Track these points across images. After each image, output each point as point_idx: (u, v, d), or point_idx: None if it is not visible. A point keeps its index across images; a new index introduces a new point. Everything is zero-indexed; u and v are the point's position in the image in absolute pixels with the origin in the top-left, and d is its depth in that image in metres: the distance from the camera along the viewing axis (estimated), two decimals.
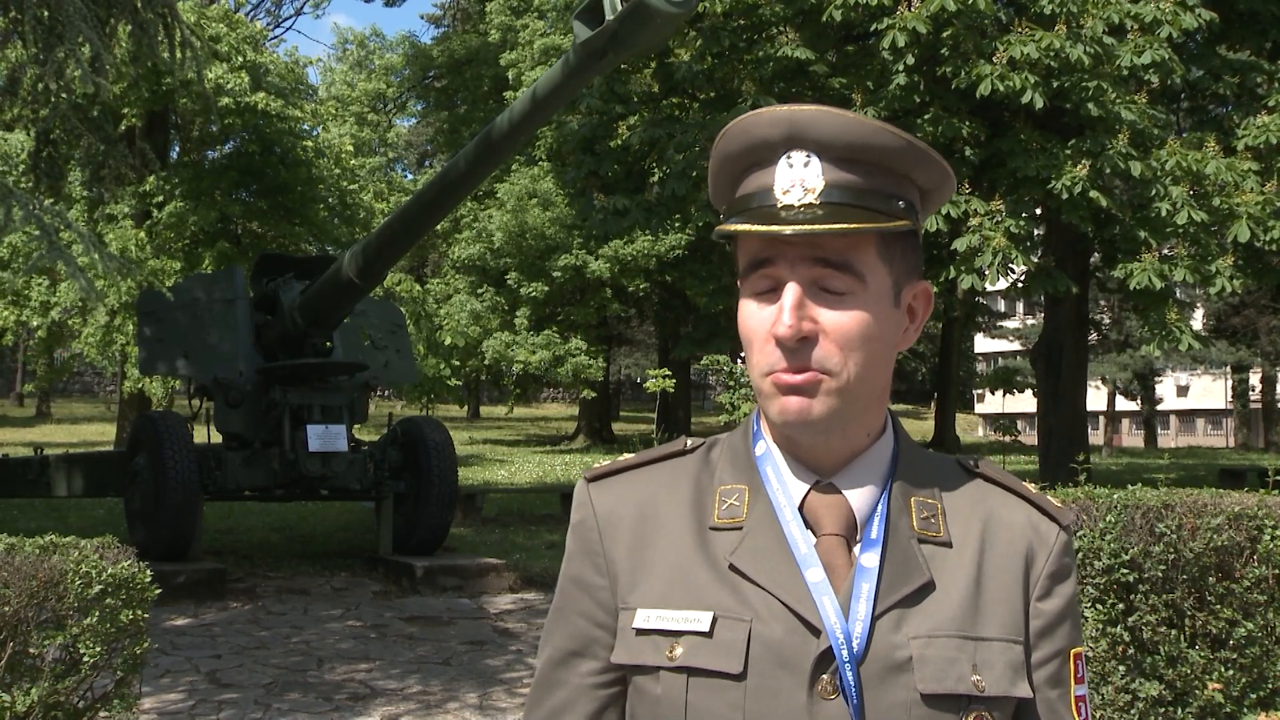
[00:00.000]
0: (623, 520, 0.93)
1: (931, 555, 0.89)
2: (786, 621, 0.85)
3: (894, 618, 0.86)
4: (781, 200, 0.86)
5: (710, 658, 0.86)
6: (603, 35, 4.43)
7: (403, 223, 6.93)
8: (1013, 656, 0.88)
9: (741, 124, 0.89)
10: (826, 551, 0.88)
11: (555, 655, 0.94)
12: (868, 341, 0.86)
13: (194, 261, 15.09)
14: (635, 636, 0.89)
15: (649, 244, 17.71)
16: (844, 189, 0.85)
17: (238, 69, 14.90)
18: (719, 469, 0.94)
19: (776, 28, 11.44)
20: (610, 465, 0.98)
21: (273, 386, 7.71)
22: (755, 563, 0.87)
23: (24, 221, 6.20)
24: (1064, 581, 0.91)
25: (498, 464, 17.91)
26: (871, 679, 0.84)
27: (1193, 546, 3.36)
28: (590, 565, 0.93)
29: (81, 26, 6.05)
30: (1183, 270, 10.28)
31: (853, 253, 0.85)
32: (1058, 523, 0.93)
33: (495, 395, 32.86)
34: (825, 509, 0.89)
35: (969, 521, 0.91)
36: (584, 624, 0.92)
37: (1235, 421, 38.03)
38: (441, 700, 4.84)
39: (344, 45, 34.52)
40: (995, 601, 0.88)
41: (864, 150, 0.86)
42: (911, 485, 0.91)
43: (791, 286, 0.85)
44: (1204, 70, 11.57)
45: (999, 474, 0.96)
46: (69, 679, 2.85)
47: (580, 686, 0.92)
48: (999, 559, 0.90)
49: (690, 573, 0.89)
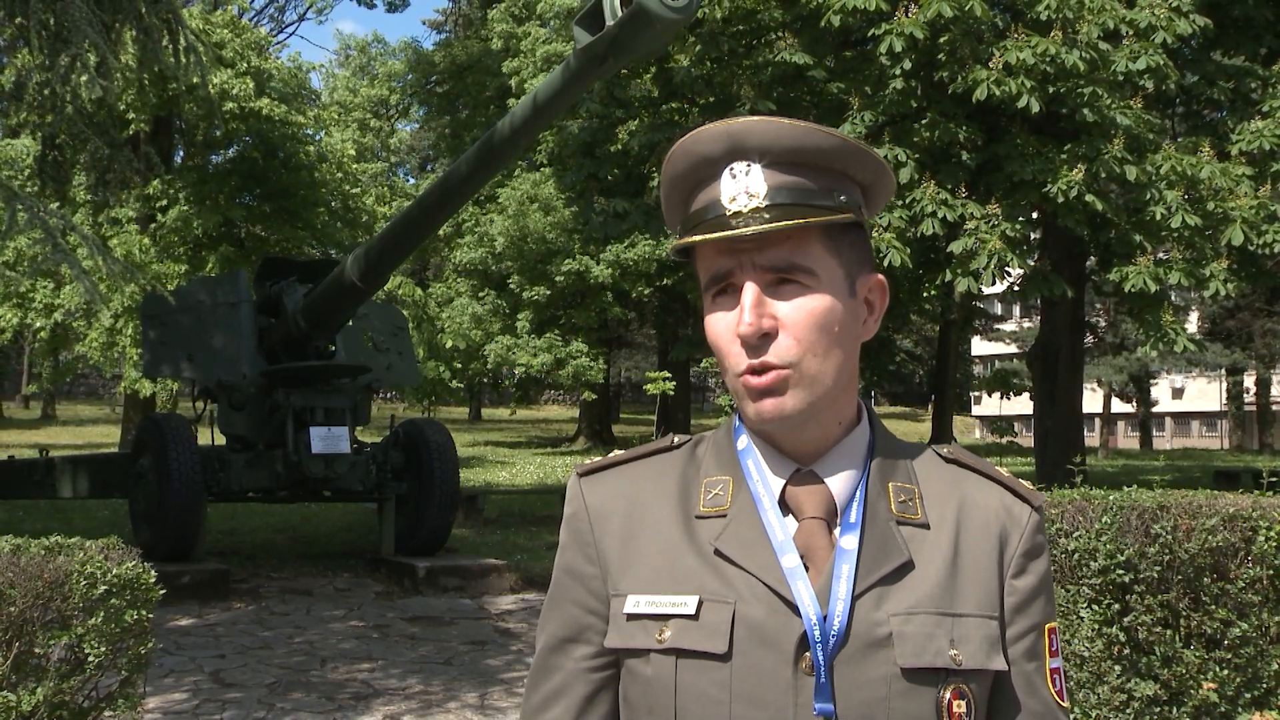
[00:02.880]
0: (613, 513, 0.96)
1: (910, 536, 0.92)
2: (769, 602, 0.88)
3: (874, 596, 0.89)
4: (730, 208, 0.89)
5: (697, 639, 0.89)
6: (603, 40, 4.48)
7: (405, 226, 6.97)
8: (988, 631, 0.91)
9: (683, 145, 0.93)
10: (808, 534, 0.91)
11: (551, 642, 0.97)
12: (825, 331, 0.90)
13: (198, 265, 15.13)
14: (626, 621, 0.92)
15: (650, 248, 17.76)
16: (787, 190, 0.89)
17: (242, 74, 14.96)
18: (704, 462, 0.97)
19: (775, 33, 11.49)
20: (601, 461, 1.01)
21: (276, 389, 7.75)
22: (739, 547, 0.91)
23: (28, 224, 6.24)
24: (1037, 559, 0.95)
25: (499, 465, 17.94)
26: (853, 655, 0.87)
27: (1188, 547, 3.38)
28: (582, 555, 0.96)
29: (87, 32, 6.09)
30: (1178, 273, 10.33)
31: (801, 249, 0.90)
32: (1029, 503, 0.96)
33: (496, 397, 32.86)
34: (806, 495, 0.92)
35: (945, 504, 0.94)
36: (577, 611, 0.96)
37: (1230, 423, 38.09)
38: (442, 700, 4.87)
39: (346, 51, 34.56)
40: (971, 580, 0.91)
41: (801, 153, 0.90)
42: (889, 470, 0.95)
43: (749, 286, 0.89)
44: (1199, 76, 11.63)
45: (972, 459, 0.99)
46: (74, 679, 2.86)
47: (575, 670, 0.96)
48: (974, 540, 0.93)
49: (677, 558, 0.92)
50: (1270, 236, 10.17)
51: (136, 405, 15.90)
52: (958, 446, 1.00)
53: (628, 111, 12.89)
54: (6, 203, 6.12)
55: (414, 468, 8.01)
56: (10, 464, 10.13)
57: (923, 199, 10.24)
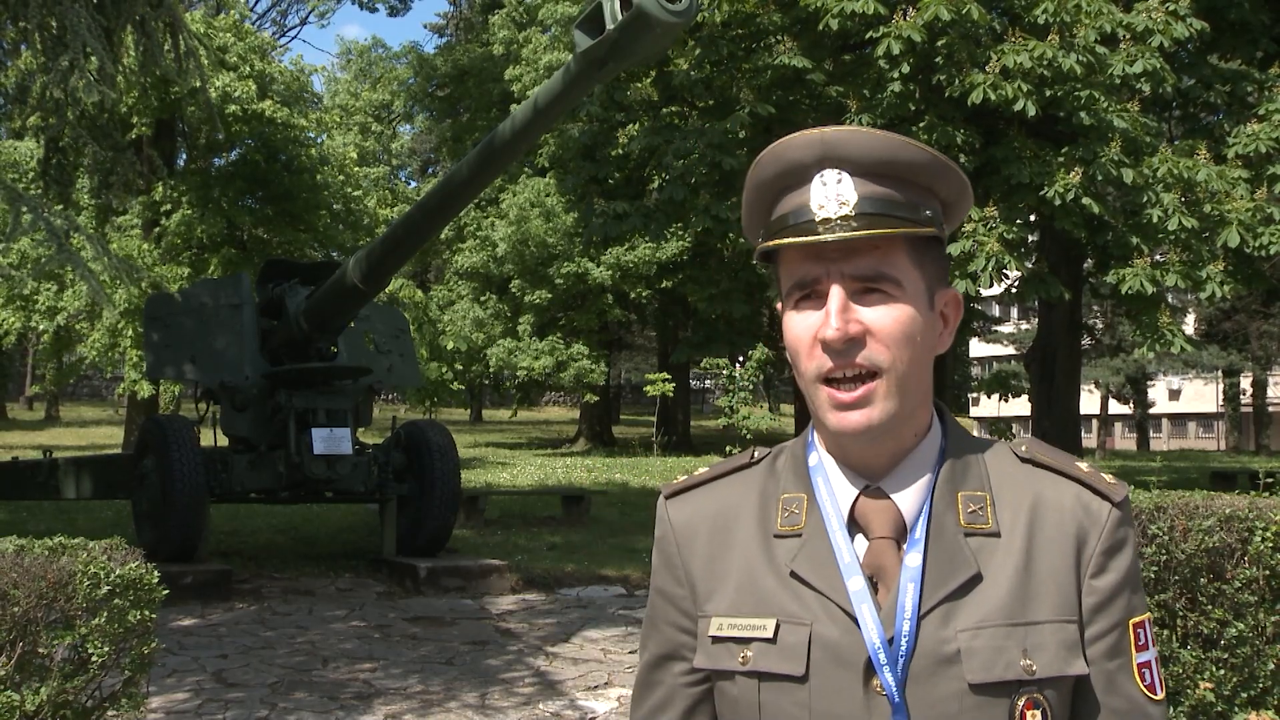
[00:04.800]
0: (698, 533, 0.99)
1: (979, 547, 0.91)
2: (843, 623, 0.90)
3: (942, 613, 0.89)
4: (819, 215, 0.90)
5: (776, 662, 0.91)
6: (603, 44, 4.51)
7: (406, 229, 7.00)
8: (1065, 636, 0.90)
9: (774, 150, 0.93)
10: (877, 554, 0.92)
11: (651, 660, 1.02)
12: (911, 340, 0.90)
13: (201, 268, 15.15)
14: (712, 644, 0.95)
15: (649, 251, 17.80)
16: (875, 200, 0.90)
17: (245, 78, 15.00)
18: (783, 478, 0.98)
19: (774, 36, 11.53)
20: (685, 481, 1.04)
21: (278, 390, 7.78)
22: (812, 569, 0.92)
23: (32, 226, 6.27)
24: (1118, 555, 0.93)
25: (500, 467, 17.94)
26: (920, 674, 0.88)
27: (1184, 548, 3.39)
28: (671, 577, 1.00)
29: (86, 36, 6.11)
30: (1174, 275, 10.37)
31: (888, 259, 0.91)
32: (1109, 500, 0.94)
33: (497, 399, 32.85)
34: (875, 513, 0.93)
35: (1017, 508, 0.93)
36: (671, 631, 1.00)
37: (1226, 425, 38.13)
38: (443, 699, 4.88)
39: (347, 55, 34.57)
40: (1045, 585, 0.90)
41: (893, 165, 0.91)
42: (959, 478, 0.94)
43: (836, 289, 0.90)
44: (1195, 79, 11.68)
45: (1049, 456, 0.97)
46: (77, 678, 2.86)
47: (675, 686, 1.00)
48: (1048, 542, 0.92)
49: (757, 580, 0.94)
50: (1266, 239, 10.21)
51: (139, 407, 15.92)
52: (1035, 443, 0.99)
53: (628, 115, 12.92)
54: (10, 205, 6.15)
55: (415, 469, 8.04)
56: (14, 465, 10.15)
57: None
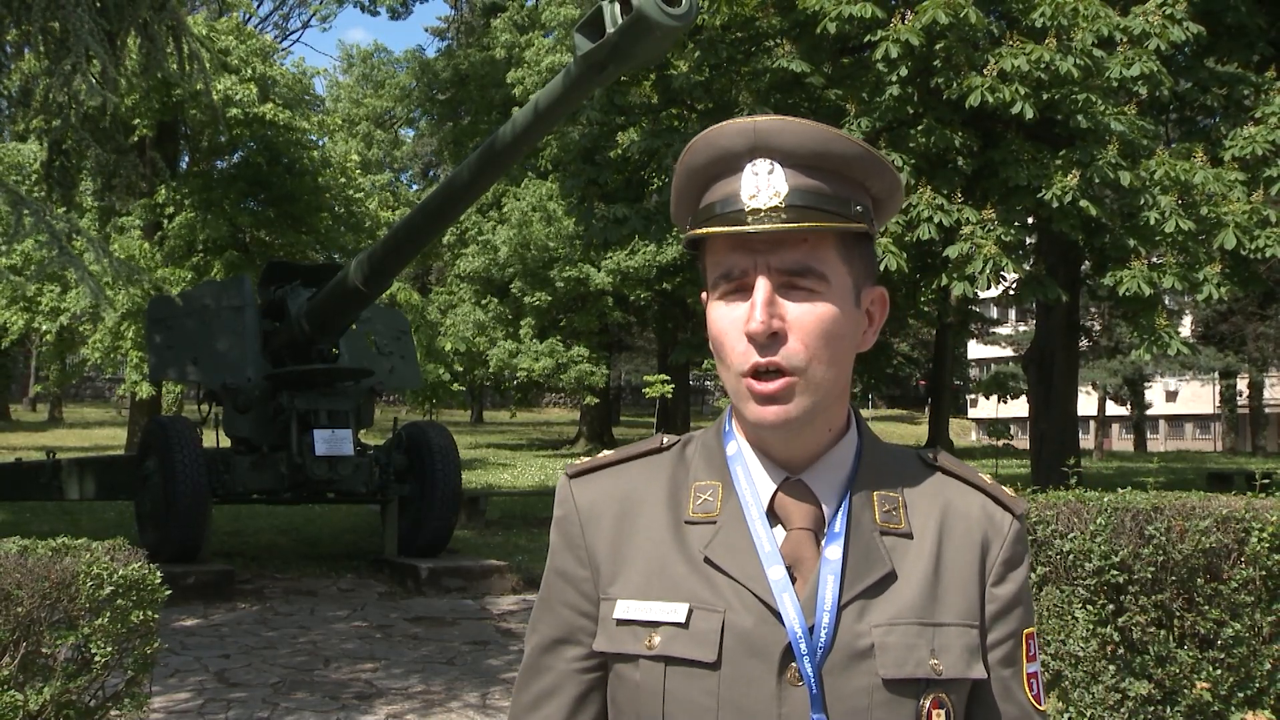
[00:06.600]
0: (603, 514, 0.96)
1: (893, 546, 0.92)
2: (758, 612, 0.89)
3: (858, 608, 0.89)
4: (748, 205, 0.88)
5: (686, 647, 0.89)
6: (603, 48, 4.55)
7: (408, 231, 7.03)
8: (969, 640, 0.91)
9: (706, 137, 0.92)
10: (795, 545, 0.91)
11: (542, 642, 0.98)
12: (832, 338, 0.90)
13: (203, 271, 15.18)
14: (616, 626, 0.92)
15: (650, 254, 17.83)
16: (806, 193, 0.89)
17: (247, 81, 15.01)
18: (694, 465, 0.97)
19: (773, 40, 11.57)
20: (590, 462, 1.00)
21: (280, 392, 7.81)
22: (728, 556, 0.91)
23: (34, 228, 6.30)
24: (1017, 568, 0.95)
25: (501, 468, 17.98)
26: (836, 666, 0.88)
27: (1181, 548, 3.41)
28: (573, 558, 0.96)
29: (88, 39, 6.14)
30: (1171, 277, 10.40)
31: (816, 253, 0.89)
32: (1011, 511, 0.96)
33: (498, 400, 32.89)
34: (794, 505, 0.93)
35: (928, 513, 0.94)
36: (568, 613, 0.96)
37: (1223, 426, 38.21)
38: (444, 699, 4.91)
39: (349, 60, 34.56)
40: (953, 588, 0.92)
41: (825, 158, 0.90)
42: (875, 480, 0.94)
43: (762, 282, 0.88)
44: (1192, 82, 11.72)
45: (956, 466, 0.99)
46: (81, 678, 2.88)
47: (565, 671, 0.96)
48: (956, 548, 0.93)
49: (667, 565, 0.92)
50: (1263, 241, 10.25)
51: (142, 408, 15.95)
52: (943, 453, 1.01)
53: (627, 118, 12.95)
54: (13, 207, 6.17)
55: (417, 470, 8.07)
56: (17, 466, 10.17)
57: (919, 204, 10.31)
